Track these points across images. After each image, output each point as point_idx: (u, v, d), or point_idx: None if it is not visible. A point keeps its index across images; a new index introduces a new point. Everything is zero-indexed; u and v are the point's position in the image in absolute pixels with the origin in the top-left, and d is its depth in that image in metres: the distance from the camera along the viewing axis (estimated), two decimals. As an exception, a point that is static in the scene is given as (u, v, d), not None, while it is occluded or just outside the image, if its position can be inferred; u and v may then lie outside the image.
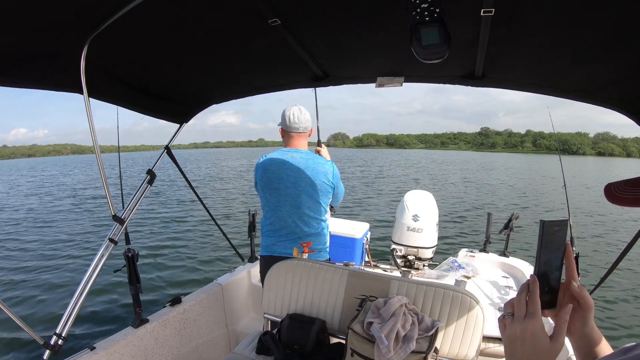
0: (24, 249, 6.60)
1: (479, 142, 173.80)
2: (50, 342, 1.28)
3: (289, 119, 1.77)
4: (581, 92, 1.18)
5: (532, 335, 0.49)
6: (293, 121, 1.76)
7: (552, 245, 0.52)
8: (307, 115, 1.80)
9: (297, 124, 1.77)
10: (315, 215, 1.79)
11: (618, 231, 8.27)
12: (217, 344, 2.09)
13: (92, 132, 1.10)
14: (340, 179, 1.85)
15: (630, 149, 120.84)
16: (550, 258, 0.52)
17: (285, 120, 1.78)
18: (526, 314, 0.50)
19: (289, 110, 1.78)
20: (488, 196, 13.98)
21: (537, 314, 0.50)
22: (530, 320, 0.50)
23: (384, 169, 28.17)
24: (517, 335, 0.50)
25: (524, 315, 0.51)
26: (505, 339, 0.53)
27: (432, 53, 0.77)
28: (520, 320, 0.50)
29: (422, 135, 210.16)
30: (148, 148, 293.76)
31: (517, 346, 0.50)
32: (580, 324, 0.54)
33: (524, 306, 0.51)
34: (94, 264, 1.43)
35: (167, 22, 0.96)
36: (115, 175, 2.31)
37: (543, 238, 0.51)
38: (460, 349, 1.28)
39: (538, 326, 0.49)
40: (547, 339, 0.49)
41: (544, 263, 0.52)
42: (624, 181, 0.50)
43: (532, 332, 0.49)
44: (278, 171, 1.75)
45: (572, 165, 44.29)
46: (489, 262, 2.61)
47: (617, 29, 0.82)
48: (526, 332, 0.49)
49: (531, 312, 0.50)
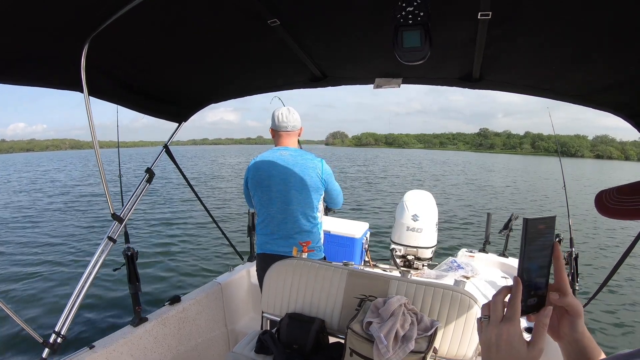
0: (23, 247, 6.58)
1: (477, 143, 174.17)
2: (50, 341, 1.28)
3: (278, 119, 1.82)
4: (579, 95, 1.19)
5: (507, 341, 0.45)
6: (282, 120, 1.81)
7: (538, 244, 0.48)
8: (296, 115, 1.85)
9: (286, 123, 1.82)
10: (305, 212, 1.79)
11: (618, 232, 8.28)
12: (216, 343, 2.09)
13: (92, 131, 1.10)
14: (332, 176, 1.86)
15: (629, 152, 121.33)
16: (536, 259, 0.49)
17: (274, 121, 1.83)
18: (503, 318, 0.47)
19: (277, 110, 1.84)
20: (488, 196, 14.01)
21: (515, 318, 0.46)
22: (506, 324, 0.46)
23: (386, 169, 28.19)
24: (492, 341, 0.47)
25: (500, 319, 0.47)
26: (480, 343, 0.50)
27: (413, 55, 0.80)
28: (496, 325, 0.47)
29: (420, 135, 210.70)
30: (146, 144, 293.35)
31: (492, 352, 0.47)
32: (569, 329, 0.50)
33: (500, 309, 0.48)
34: (93, 262, 1.43)
35: (166, 23, 0.96)
36: (112, 173, 2.30)
37: (527, 237, 0.47)
38: (459, 349, 1.28)
39: (514, 332, 0.45)
40: (523, 346, 0.45)
41: (528, 264, 0.48)
42: (617, 188, 0.44)
43: (507, 338, 0.45)
44: (268, 169, 1.78)
45: (570, 167, 44.36)
46: (489, 262, 2.62)
47: (615, 32, 0.82)
48: (501, 338, 0.46)
49: (508, 316, 0.46)
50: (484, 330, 0.49)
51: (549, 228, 0.48)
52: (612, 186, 0.46)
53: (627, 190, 0.42)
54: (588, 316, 4.02)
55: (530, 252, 0.48)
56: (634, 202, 0.41)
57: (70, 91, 1.16)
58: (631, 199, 0.41)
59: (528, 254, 0.48)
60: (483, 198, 13.47)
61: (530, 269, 0.49)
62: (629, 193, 0.42)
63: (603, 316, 4.10)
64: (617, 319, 4.06)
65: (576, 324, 0.50)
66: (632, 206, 0.41)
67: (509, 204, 12.30)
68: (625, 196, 0.42)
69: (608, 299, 4.41)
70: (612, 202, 0.43)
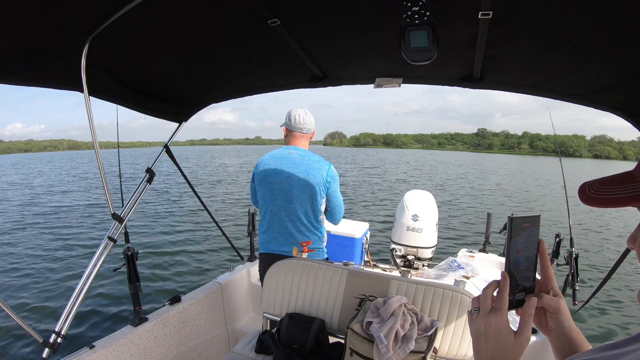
0: (23, 247, 6.56)
1: (475, 143, 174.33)
2: (50, 341, 1.28)
3: (295, 120, 1.84)
4: (579, 95, 1.19)
5: (495, 331, 0.49)
6: (298, 122, 1.84)
7: (524, 242, 0.51)
8: (311, 118, 1.88)
9: (302, 125, 1.84)
10: (306, 212, 1.79)
11: (617, 234, 8.30)
12: (216, 343, 2.09)
13: (92, 131, 1.10)
14: (337, 183, 1.84)
15: (627, 152, 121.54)
16: (521, 255, 0.51)
17: (290, 121, 1.85)
18: (491, 309, 0.50)
19: (294, 111, 1.85)
20: (488, 196, 14.03)
21: (502, 310, 0.49)
22: (494, 315, 0.49)
23: (387, 168, 28.19)
24: (481, 331, 0.50)
25: (489, 310, 0.50)
26: (471, 334, 0.53)
27: (420, 55, 0.80)
28: (485, 316, 0.50)
29: (419, 135, 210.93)
30: (145, 144, 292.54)
31: (482, 342, 0.50)
32: (554, 324, 0.53)
33: (489, 302, 0.51)
34: (93, 262, 1.43)
35: (167, 23, 0.96)
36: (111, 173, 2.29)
37: (512, 234, 0.50)
38: (459, 349, 1.29)
39: (501, 322, 0.49)
40: (511, 335, 0.49)
41: (515, 260, 0.51)
42: (599, 180, 0.48)
43: (494, 328, 0.49)
44: (275, 166, 1.80)
45: (568, 167, 44.44)
46: (489, 262, 2.62)
47: (615, 32, 0.82)
48: (489, 328, 0.49)
49: (496, 307, 0.50)
50: (474, 321, 0.52)
51: (533, 226, 0.51)
52: None
53: (607, 182, 0.47)
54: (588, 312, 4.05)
55: (515, 249, 0.51)
56: (612, 192, 0.45)
57: (67, 92, 1.16)
58: (610, 189, 0.45)
59: (514, 250, 0.51)
60: (483, 198, 13.48)
61: (517, 264, 0.51)
62: (608, 184, 0.46)
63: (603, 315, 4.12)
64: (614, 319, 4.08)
65: (560, 320, 0.53)
66: (610, 195, 0.45)
67: (509, 204, 12.32)
68: (606, 186, 0.46)
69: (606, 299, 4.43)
70: (593, 191, 0.47)
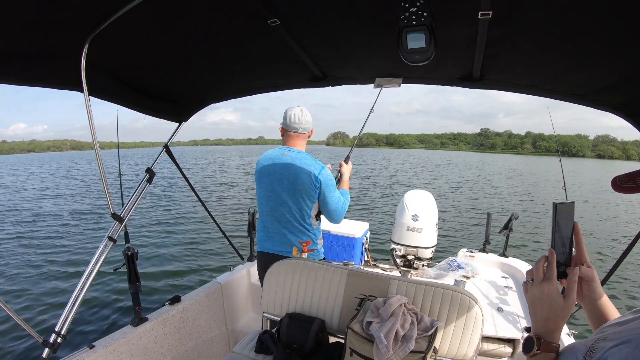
0: (23, 247, 6.59)
1: (478, 143, 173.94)
2: (50, 340, 1.28)
3: (290, 119, 1.79)
4: (579, 95, 1.18)
5: (548, 295, 0.58)
6: (293, 121, 1.79)
7: (563, 224, 0.60)
8: (308, 117, 1.82)
9: (297, 124, 1.79)
10: (294, 215, 1.76)
11: (619, 232, 8.28)
12: (216, 342, 2.09)
13: (92, 131, 1.10)
14: (331, 187, 1.76)
15: (630, 152, 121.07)
16: (562, 236, 0.61)
17: (286, 120, 1.81)
18: (543, 279, 0.59)
19: (290, 110, 1.81)
20: (488, 196, 14.00)
21: (553, 278, 0.59)
22: (546, 283, 0.59)
23: (388, 168, 28.16)
24: (536, 297, 0.59)
25: (541, 279, 0.59)
26: (527, 300, 0.62)
27: (417, 56, 0.80)
28: (538, 284, 0.60)
29: (421, 135, 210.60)
30: (147, 145, 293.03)
31: (537, 306, 0.60)
32: (588, 291, 0.64)
33: (541, 272, 0.60)
34: (93, 262, 1.43)
35: (167, 23, 0.96)
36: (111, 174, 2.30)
37: (557, 218, 0.59)
38: (459, 349, 1.28)
39: (553, 288, 0.58)
40: (560, 299, 0.58)
41: (558, 240, 0.60)
42: (627, 174, 0.60)
43: (548, 293, 0.58)
44: (268, 166, 1.79)
45: (571, 168, 44.28)
46: (489, 262, 2.61)
47: (615, 32, 0.82)
48: (543, 294, 0.58)
49: (548, 276, 0.59)
50: (529, 290, 0.61)
51: (570, 211, 0.61)
52: None
53: (635, 174, 0.59)
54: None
55: (558, 230, 0.61)
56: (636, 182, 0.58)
57: (69, 92, 1.16)
58: (634, 179, 0.58)
59: (557, 231, 0.60)
60: (483, 198, 13.45)
61: (558, 244, 0.61)
62: (636, 176, 0.58)
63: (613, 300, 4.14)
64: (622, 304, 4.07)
65: (593, 287, 0.63)
66: (635, 184, 0.58)
67: (509, 203, 12.29)
68: (634, 178, 0.58)
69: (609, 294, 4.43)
70: (623, 183, 0.59)
